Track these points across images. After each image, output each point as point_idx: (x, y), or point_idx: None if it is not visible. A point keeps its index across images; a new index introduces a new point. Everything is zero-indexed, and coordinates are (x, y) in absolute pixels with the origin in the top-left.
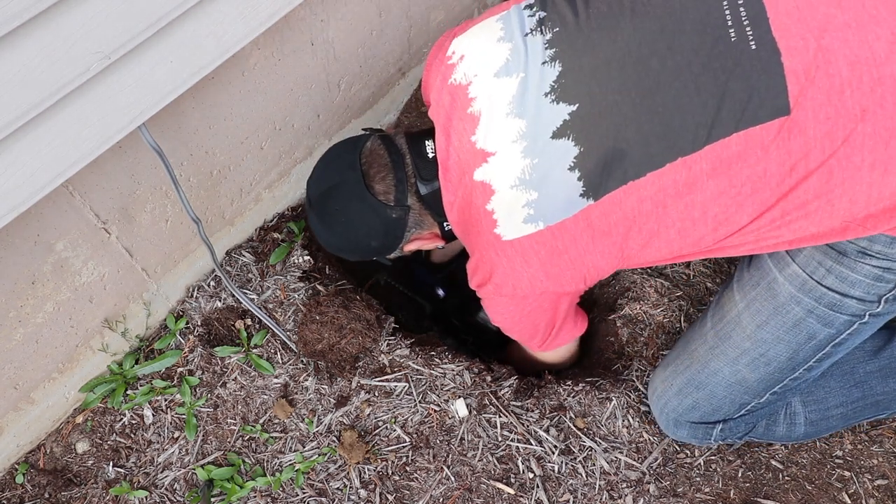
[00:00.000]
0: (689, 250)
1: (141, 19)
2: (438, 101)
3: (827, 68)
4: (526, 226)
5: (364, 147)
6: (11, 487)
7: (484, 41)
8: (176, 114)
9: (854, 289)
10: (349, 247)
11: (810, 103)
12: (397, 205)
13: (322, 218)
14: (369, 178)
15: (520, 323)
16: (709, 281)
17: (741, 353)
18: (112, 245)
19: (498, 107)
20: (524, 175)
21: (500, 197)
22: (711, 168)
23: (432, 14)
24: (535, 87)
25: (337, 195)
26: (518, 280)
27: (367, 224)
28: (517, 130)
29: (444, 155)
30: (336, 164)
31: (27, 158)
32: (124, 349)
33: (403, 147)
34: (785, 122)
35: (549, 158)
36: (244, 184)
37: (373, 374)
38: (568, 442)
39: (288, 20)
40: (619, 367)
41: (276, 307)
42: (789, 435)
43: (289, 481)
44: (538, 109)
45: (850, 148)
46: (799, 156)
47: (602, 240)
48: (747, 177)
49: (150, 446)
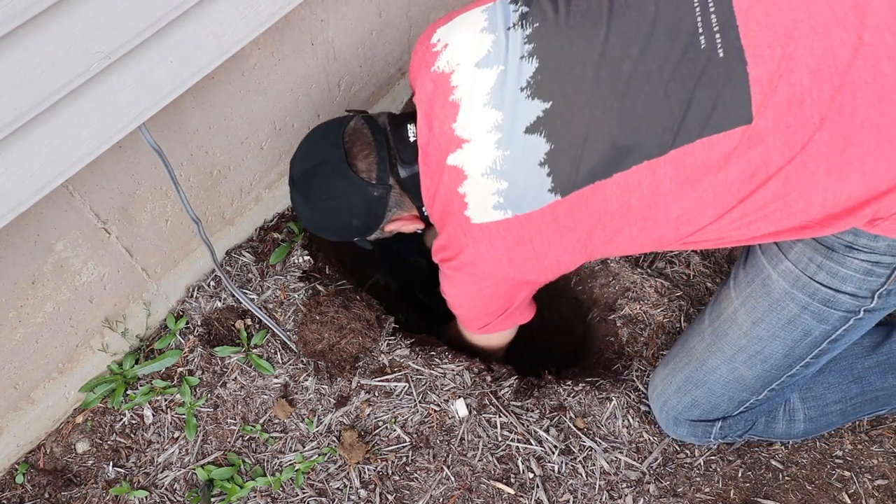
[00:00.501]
0: (651, 247)
1: (141, 19)
2: (422, 88)
3: (789, 77)
4: (495, 212)
5: (348, 126)
6: (11, 487)
7: (468, 31)
8: (176, 114)
9: (846, 284)
10: (331, 225)
11: (771, 112)
12: (379, 183)
13: (305, 196)
14: (352, 156)
15: (471, 301)
16: (709, 281)
17: (738, 350)
18: (112, 245)
19: (477, 96)
20: (496, 165)
21: (472, 182)
22: (675, 172)
23: (432, 14)
24: (513, 81)
25: (320, 173)
26: (481, 261)
27: (350, 201)
28: (493, 121)
29: (424, 140)
30: (319, 143)
31: (27, 158)
32: (124, 349)
33: (386, 128)
34: (747, 130)
35: (520, 152)
36: (244, 184)
37: (373, 374)
38: (568, 442)
39: (288, 20)
40: (619, 367)
41: (276, 307)
42: (789, 432)
43: (289, 481)
44: (515, 103)
45: (806, 156)
46: (759, 163)
47: (567, 234)
48: (709, 182)
49: (150, 446)
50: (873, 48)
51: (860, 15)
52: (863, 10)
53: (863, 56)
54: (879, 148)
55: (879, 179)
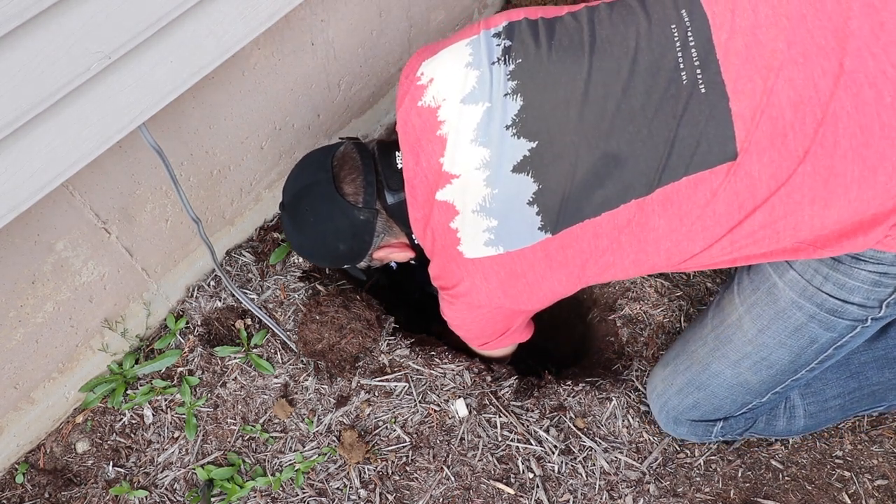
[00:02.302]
0: (646, 272)
1: (141, 19)
2: (407, 121)
3: (770, 111)
4: (487, 248)
5: (337, 151)
6: (11, 487)
7: (453, 65)
8: (176, 114)
9: (854, 295)
10: (318, 250)
11: (755, 148)
12: (365, 207)
13: (293, 219)
14: (339, 179)
15: (469, 325)
16: (709, 281)
17: (743, 356)
18: (112, 245)
19: (464, 133)
20: (485, 203)
21: (463, 218)
22: (662, 209)
23: (432, 14)
24: (499, 118)
25: (308, 196)
26: (476, 293)
27: (336, 225)
28: (481, 158)
29: (410, 174)
30: (309, 167)
31: (27, 158)
32: (124, 349)
33: (374, 153)
34: (732, 166)
35: (509, 191)
36: (244, 183)
37: (373, 374)
38: (568, 442)
39: (288, 20)
40: (619, 367)
41: (276, 307)
42: (789, 429)
43: (289, 481)
44: (501, 141)
45: (791, 187)
46: (745, 195)
47: (559, 269)
48: (697, 216)
49: (150, 446)
50: (854, 75)
51: (840, 39)
52: (843, 33)
53: (844, 85)
54: (863, 177)
55: (864, 206)
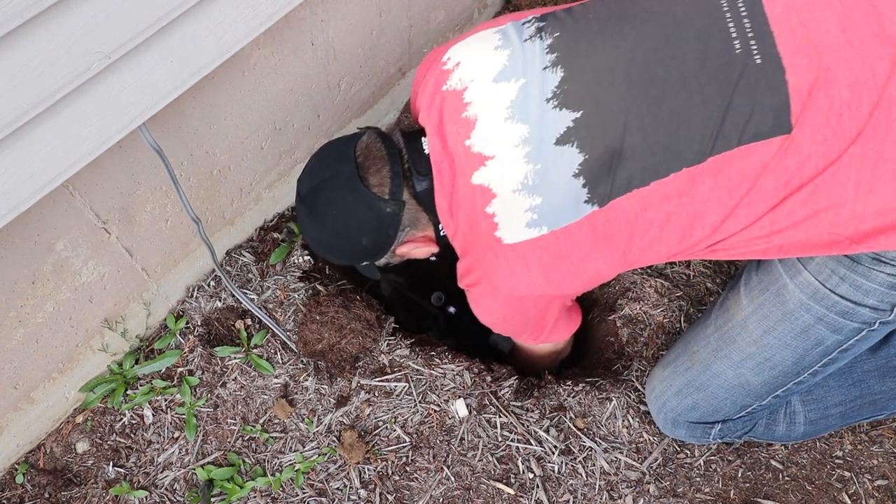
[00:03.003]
0: (684, 255)
1: (141, 19)
2: (430, 105)
3: (828, 88)
4: (529, 230)
5: (360, 141)
6: (11, 487)
7: (481, 48)
8: (176, 114)
9: (868, 297)
10: (338, 245)
11: (809, 123)
12: (392, 198)
13: (311, 212)
14: (364, 169)
15: (511, 322)
16: (709, 281)
17: (746, 357)
18: (112, 245)
19: (496, 111)
20: (527, 180)
21: (501, 201)
22: (713, 180)
23: (432, 14)
24: (537, 93)
25: (329, 187)
26: (517, 283)
27: (360, 218)
28: (519, 135)
29: (437, 157)
30: (330, 157)
31: (27, 158)
32: (124, 349)
33: (400, 142)
34: (785, 140)
35: (553, 164)
36: (244, 184)
37: (373, 374)
38: (568, 442)
39: (288, 20)
40: (619, 367)
41: (276, 307)
42: (789, 434)
43: (289, 481)
44: (541, 115)
45: (838, 168)
46: (793, 172)
47: (605, 245)
48: (746, 190)
49: (150, 446)
50: None
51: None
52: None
53: None
54: None
55: None
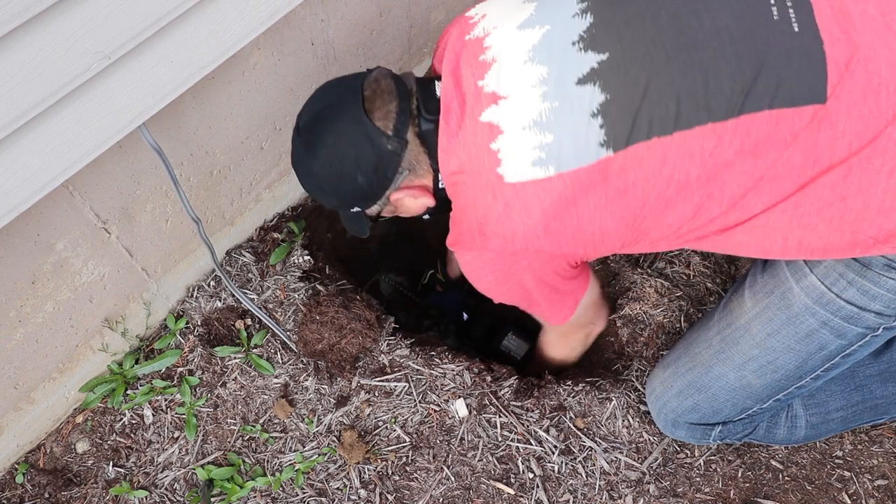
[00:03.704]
0: (696, 234)
1: (141, 19)
2: (451, 53)
3: (867, 65)
4: (534, 168)
5: (369, 76)
6: (11, 487)
7: (510, 1)
8: (176, 114)
9: (875, 302)
10: (332, 180)
11: (846, 96)
12: (395, 135)
13: (308, 142)
14: (370, 101)
15: (506, 284)
16: (708, 281)
17: (749, 359)
18: (112, 245)
19: (516, 54)
20: (540, 118)
21: (508, 137)
22: (740, 143)
23: (432, 14)
24: (562, 37)
25: (330, 116)
26: (512, 231)
27: (358, 151)
28: (538, 76)
29: (448, 96)
30: (336, 87)
31: (27, 158)
32: (124, 349)
33: (411, 83)
34: (819, 110)
35: (570, 103)
36: (244, 184)
37: (373, 374)
38: (568, 442)
39: (288, 20)
40: (619, 367)
41: (276, 307)
42: (790, 438)
43: (289, 481)
44: (563, 56)
45: (874, 150)
46: (824, 147)
47: (617, 199)
48: (772, 161)
49: (150, 446)
50: None
51: None
52: None
53: None
54: None
55: None
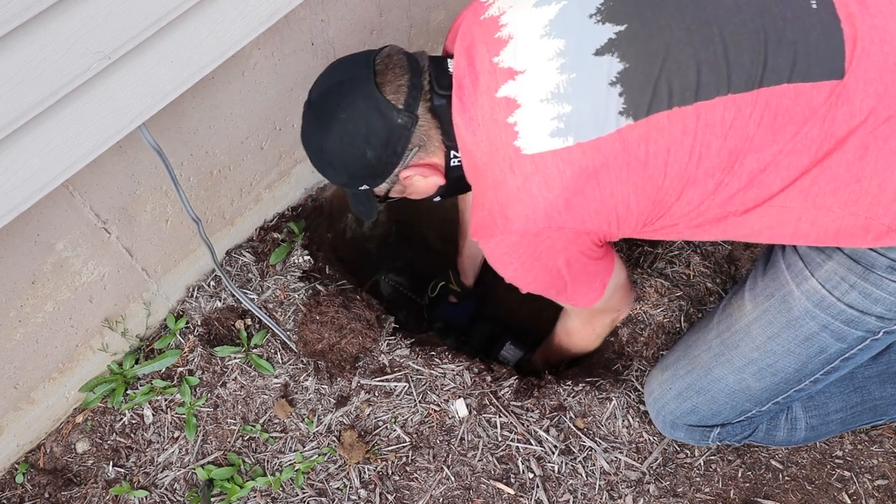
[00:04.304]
0: (714, 213)
1: (141, 19)
2: (466, 32)
3: (883, 45)
4: (553, 139)
5: (382, 51)
6: (11, 487)
7: None
8: (176, 114)
9: (876, 306)
10: (342, 155)
11: (863, 74)
12: (406, 110)
13: (318, 116)
14: (381, 76)
15: (532, 269)
16: (708, 281)
17: (748, 362)
18: (112, 245)
19: (531, 29)
20: (558, 90)
21: (526, 110)
22: (760, 116)
23: (432, 14)
24: (579, 10)
25: (341, 90)
26: (533, 208)
27: (369, 125)
28: (555, 49)
29: (461, 72)
30: (347, 62)
31: (27, 158)
32: (124, 349)
33: (424, 59)
34: (837, 86)
35: (589, 72)
36: (244, 184)
37: (373, 374)
38: (568, 442)
39: (288, 20)
40: (619, 367)
41: (276, 307)
42: (789, 439)
43: (289, 481)
44: (581, 29)
45: (889, 129)
46: (842, 124)
47: (638, 170)
48: (791, 135)
49: (150, 446)
50: None
51: None
52: None
53: None
54: None
55: None
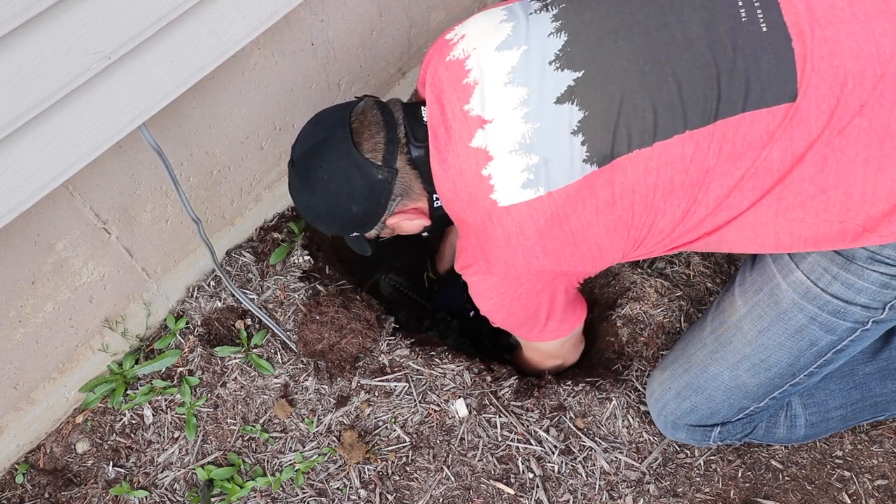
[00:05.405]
0: (688, 237)
1: (141, 19)
2: (434, 76)
3: (832, 59)
4: (525, 191)
5: (356, 107)
6: (11, 487)
7: (486, 22)
8: (176, 114)
9: (860, 296)
10: (328, 211)
11: (814, 92)
12: (385, 165)
13: (303, 176)
14: (358, 134)
15: (509, 307)
16: (709, 281)
17: (742, 358)
18: (112, 245)
19: (496, 76)
20: (524, 140)
21: (498, 163)
22: (718, 147)
23: (432, 14)
24: (539, 57)
25: (321, 151)
26: (513, 256)
27: (351, 184)
28: (518, 98)
29: (435, 123)
30: (324, 121)
31: (27, 158)
32: (124, 349)
33: (398, 111)
34: (790, 108)
35: (551, 122)
36: (244, 184)
37: (373, 374)
38: (568, 442)
39: (288, 20)
40: (619, 367)
41: (276, 307)
42: (789, 437)
43: (289, 481)
44: (542, 77)
45: (844, 139)
46: (800, 143)
47: (607, 213)
48: (752, 160)
49: (150, 446)
50: None
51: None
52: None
53: None
54: None
55: None
